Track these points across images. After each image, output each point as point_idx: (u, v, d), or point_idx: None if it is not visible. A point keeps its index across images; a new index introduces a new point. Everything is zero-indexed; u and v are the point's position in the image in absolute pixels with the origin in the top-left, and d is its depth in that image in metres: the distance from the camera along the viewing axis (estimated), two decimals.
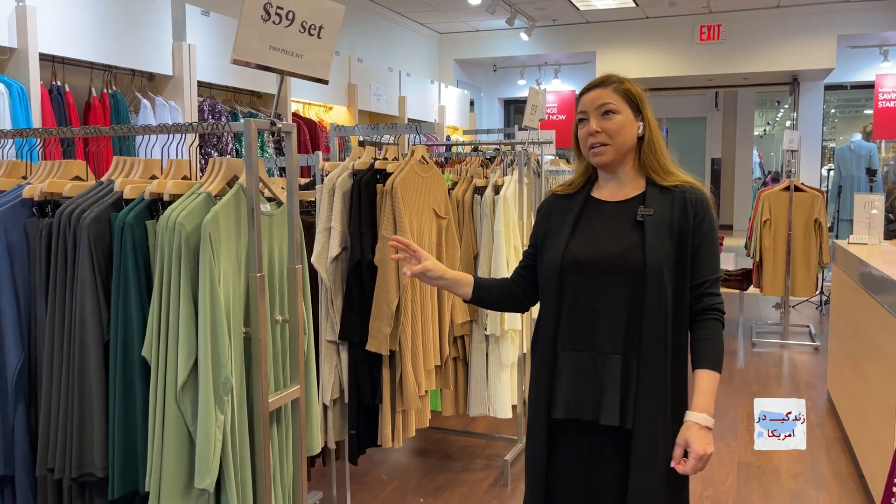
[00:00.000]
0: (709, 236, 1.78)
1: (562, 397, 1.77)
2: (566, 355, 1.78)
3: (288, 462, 1.98)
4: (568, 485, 1.81)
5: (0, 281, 1.82)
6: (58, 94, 3.68)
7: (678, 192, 1.78)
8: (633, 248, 1.74)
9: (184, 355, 1.65)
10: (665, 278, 1.72)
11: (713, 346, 1.74)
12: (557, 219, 1.88)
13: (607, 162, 1.80)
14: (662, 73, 8.36)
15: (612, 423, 1.71)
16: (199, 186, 1.78)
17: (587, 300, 1.77)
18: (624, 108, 1.78)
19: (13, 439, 1.85)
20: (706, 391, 1.71)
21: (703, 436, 1.68)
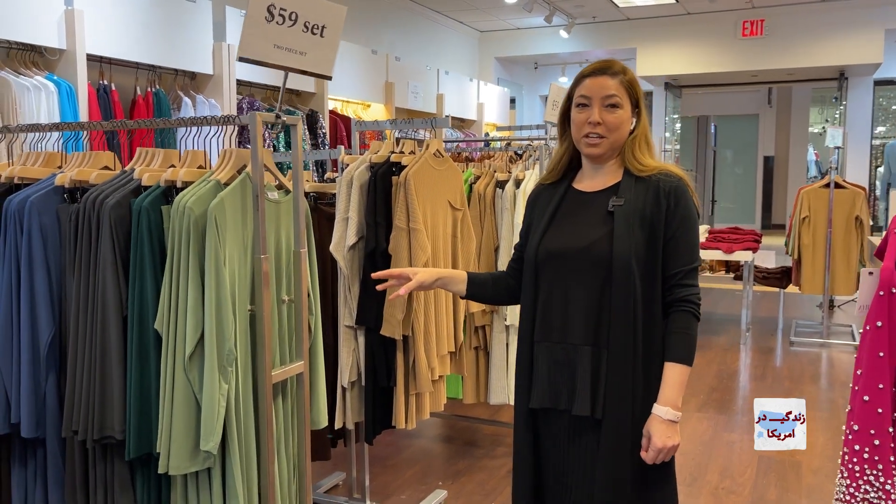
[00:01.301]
0: (683, 225, 1.76)
1: (538, 387, 1.83)
2: (542, 347, 1.83)
3: (293, 434, 2.12)
4: (549, 471, 1.86)
5: (34, 261, 2.00)
6: (104, 93, 3.92)
7: (653, 181, 1.78)
8: (601, 239, 1.76)
9: (191, 328, 1.80)
10: (633, 269, 1.72)
11: (682, 339, 1.74)
12: (539, 210, 1.92)
13: (599, 154, 1.82)
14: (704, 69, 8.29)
15: (583, 412, 1.76)
16: (210, 175, 1.93)
17: (560, 292, 1.80)
18: (626, 103, 1.79)
19: (45, 405, 2.03)
20: (672, 384, 1.73)
21: (664, 429, 1.71)
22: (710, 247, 6.45)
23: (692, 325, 1.77)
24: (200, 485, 1.89)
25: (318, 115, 5.39)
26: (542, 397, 1.83)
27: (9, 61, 3.56)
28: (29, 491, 2.13)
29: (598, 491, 1.76)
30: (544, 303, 1.84)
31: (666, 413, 1.73)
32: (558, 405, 1.82)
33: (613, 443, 1.75)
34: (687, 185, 1.82)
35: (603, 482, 1.76)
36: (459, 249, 3.18)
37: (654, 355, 1.78)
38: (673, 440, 1.73)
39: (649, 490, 1.80)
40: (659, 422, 1.73)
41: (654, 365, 1.78)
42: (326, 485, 3.54)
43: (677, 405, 1.74)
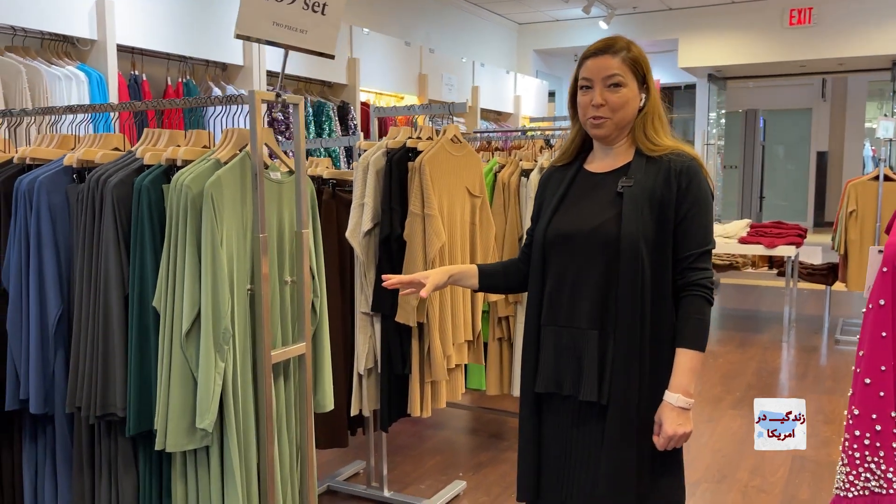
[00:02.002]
0: (695, 207, 1.70)
1: (543, 372, 1.79)
2: (548, 331, 1.79)
3: (296, 416, 2.11)
4: (554, 456, 1.83)
5: (43, 240, 2.03)
6: (134, 83, 3.98)
7: (664, 161, 1.72)
8: (609, 220, 1.71)
9: (188, 306, 1.80)
10: (641, 252, 1.67)
11: (694, 325, 1.69)
12: (550, 192, 1.88)
13: (605, 135, 1.77)
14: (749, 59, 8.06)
15: (590, 398, 1.72)
16: (211, 154, 1.93)
17: (567, 275, 1.76)
18: (630, 81, 1.73)
19: (53, 382, 2.06)
20: (683, 371, 1.68)
21: (675, 416, 1.67)
22: (752, 241, 6.27)
23: (705, 310, 1.72)
24: (199, 463, 1.90)
25: (350, 106, 5.40)
26: (547, 382, 1.79)
27: (42, 51, 3.64)
28: (39, 467, 2.17)
29: (602, 478, 1.72)
30: (551, 285, 1.80)
31: (677, 400, 1.68)
32: (562, 390, 1.77)
33: (619, 429, 1.71)
34: (700, 165, 1.76)
35: (607, 469, 1.71)
36: (478, 237, 3.13)
37: (663, 340, 1.73)
38: (684, 427, 1.68)
39: (655, 478, 1.75)
40: (670, 409, 1.68)
41: (663, 350, 1.73)
42: (346, 473, 3.54)
43: (689, 392, 1.69)
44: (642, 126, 1.77)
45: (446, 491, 3.30)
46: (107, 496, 2.00)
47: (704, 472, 3.57)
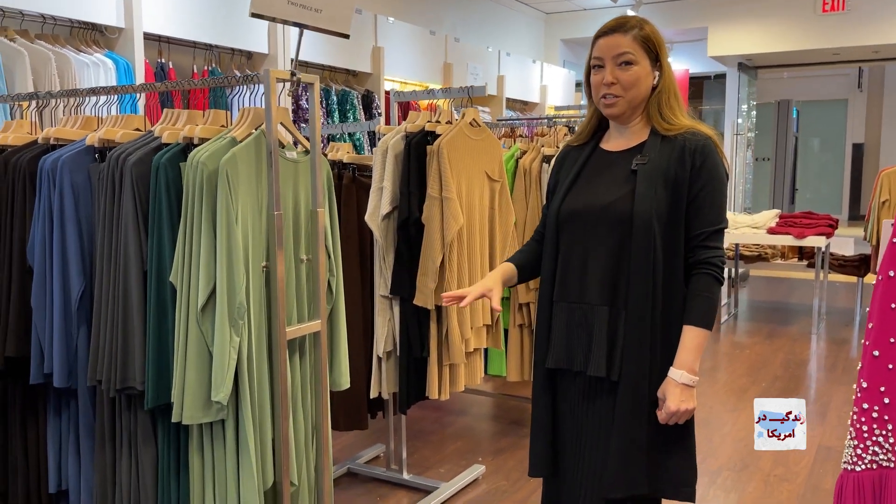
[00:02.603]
0: (708, 185, 1.70)
1: (554, 348, 1.80)
2: (560, 306, 1.80)
3: (311, 394, 2.14)
4: (566, 432, 1.83)
5: (65, 217, 2.08)
6: (161, 71, 4.04)
7: (679, 139, 1.72)
8: (623, 198, 1.71)
9: (203, 281, 1.83)
10: (654, 229, 1.67)
11: (702, 303, 1.70)
12: (565, 171, 1.89)
13: (618, 114, 1.77)
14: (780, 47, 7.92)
15: (598, 374, 1.72)
16: (227, 132, 1.96)
17: (579, 252, 1.77)
18: (642, 59, 1.72)
19: (76, 357, 2.11)
20: (688, 348, 1.69)
21: (678, 392, 1.67)
22: (781, 232, 6.17)
23: (713, 289, 1.72)
24: (215, 437, 1.93)
25: (374, 95, 5.42)
26: (559, 357, 1.80)
27: (71, 39, 3.71)
28: (63, 440, 2.23)
29: (612, 455, 1.72)
30: (563, 262, 1.81)
31: (681, 377, 1.69)
32: (573, 366, 1.78)
33: (630, 406, 1.71)
34: (715, 143, 1.76)
35: (618, 446, 1.72)
36: (497, 221, 3.13)
37: (674, 318, 1.73)
38: (687, 404, 1.69)
39: (665, 457, 1.75)
40: (674, 385, 1.69)
41: (674, 328, 1.73)
42: (366, 456, 3.57)
43: (694, 369, 1.70)
44: (657, 105, 1.77)
45: (465, 475, 3.32)
46: (127, 469, 2.04)
47: (727, 461, 3.54)
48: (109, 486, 2.08)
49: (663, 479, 1.74)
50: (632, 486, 1.71)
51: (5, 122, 2.48)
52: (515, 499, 3.16)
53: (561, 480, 1.85)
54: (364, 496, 3.19)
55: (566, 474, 1.83)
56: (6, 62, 3.31)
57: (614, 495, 1.71)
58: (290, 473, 2.00)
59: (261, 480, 1.92)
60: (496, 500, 3.16)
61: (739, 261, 7.12)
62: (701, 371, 1.76)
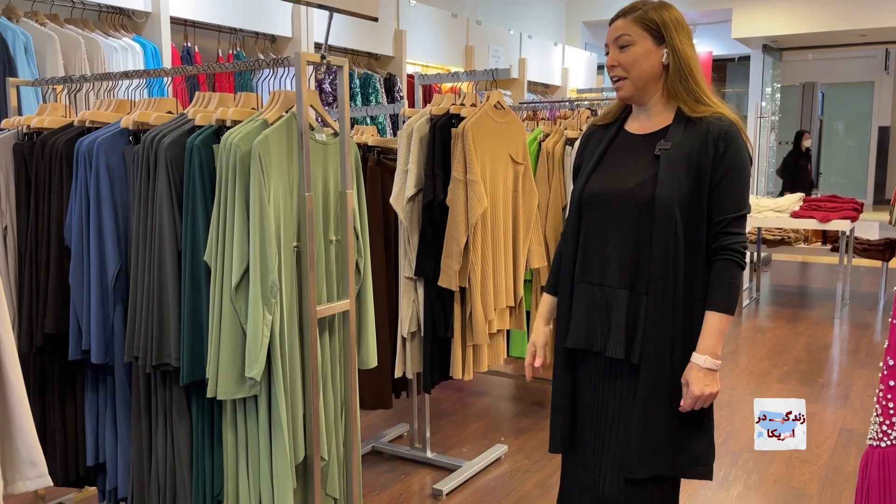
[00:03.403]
0: (731, 171, 1.71)
1: (575, 328, 1.83)
2: (581, 287, 1.82)
3: (341, 371, 2.19)
4: (585, 413, 1.86)
5: (101, 198, 2.13)
6: (187, 55, 4.09)
7: (703, 124, 1.73)
8: (645, 183, 1.73)
9: (237, 260, 1.88)
10: (675, 215, 1.69)
11: (723, 288, 1.71)
12: (589, 151, 1.91)
13: (626, 96, 1.80)
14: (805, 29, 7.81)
15: (617, 356, 1.75)
16: (258, 114, 1.99)
17: (601, 234, 1.79)
18: (641, 39, 1.74)
19: (113, 334, 2.17)
20: (710, 333, 1.71)
21: (700, 377, 1.69)
22: (805, 215, 6.13)
23: (735, 274, 1.73)
24: (248, 412, 1.98)
25: (396, 78, 5.44)
26: (579, 338, 1.82)
27: (99, 24, 3.76)
28: (100, 414, 2.29)
29: (634, 437, 1.74)
30: (585, 244, 1.83)
31: (704, 361, 1.71)
32: (593, 346, 1.80)
33: (651, 389, 1.73)
34: (739, 129, 1.77)
35: (639, 429, 1.74)
36: (521, 204, 3.15)
37: (695, 303, 1.75)
38: (711, 388, 1.71)
39: (686, 438, 1.77)
40: (697, 370, 1.71)
41: (696, 313, 1.75)
42: (390, 435, 3.62)
43: (716, 353, 1.72)
44: (677, 82, 1.76)
45: (487, 454, 3.37)
46: (163, 442, 2.11)
47: (748, 442, 3.55)
48: (146, 459, 2.14)
49: (682, 459, 1.76)
50: (654, 467, 1.73)
51: (40, 105, 2.54)
52: (537, 478, 3.20)
53: (579, 458, 1.88)
54: (388, 473, 3.25)
55: (585, 452, 1.86)
56: (37, 46, 3.37)
57: (637, 476, 1.74)
58: (321, 448, 2.05)
59: (292, 455, 1.98)
60: (518, 479, 3.21)
61: (762, 245, 7.09)
62: (722, 355, 1.78)
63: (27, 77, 3.27)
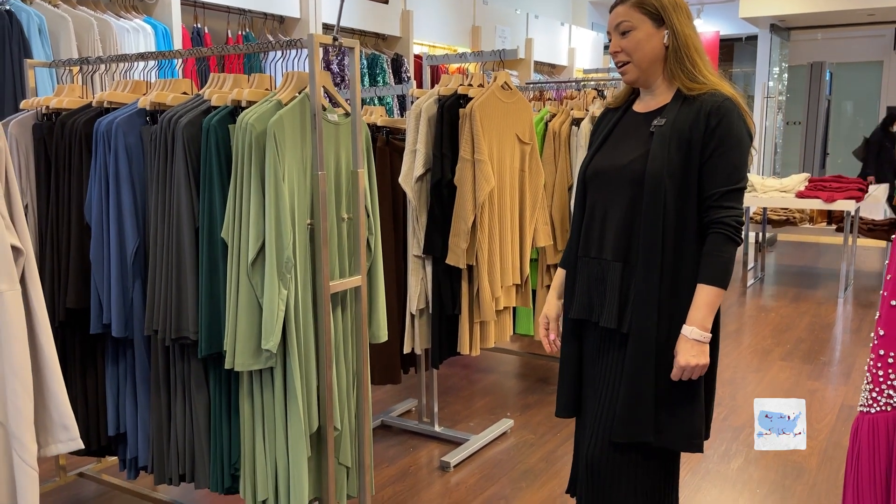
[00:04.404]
0: (723, 145, 1.73)
1: (577, 300, 1.90)
2: (583, 261, 1.89)
3: (353, 345, 2.26)
4: (586, 376, 1.94)
5: (120, 177, 2.20)
6: (197, 36, 4.13)
7: (698, 101, 1.77)
8: (638, 158, 1.78)
9: (253, 237, 1.94)
10: (664, 188, 1.73)
11: (714, 261, 1.74)
12: (599, 132, 1.97)
13: (632, 79, 1.85)
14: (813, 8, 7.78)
15: (610, 325, 1.81)
16: (273, 95, 2.05)
17: (600, 210, 1.85)
18: (642, 23, 1.79)
19: (132, 308, 2.24)
20: (699, 305, 1.74)
21: (689, 347, 1.73)
22: (810, 195, 6.16)
23: (726, 248, 1.74)
24: (264, 383, 2.06)
25: (403, 58, 5.47)
26: (581, 308, 1.90)
27: (111, 5, 3.81)
28: (120, 386, 2.37)
29: (620, 402, 1.80)
30: (587, 219, 1.90)
31: (692, 333, 1.74)
32: (592, 317, 1.87)
33: (637, 357, 1.78)
34: (736, 103, 1.79)
35: (625, 394, 1.79)
36: (527, 183, 3.21)
37: (685, 275, 1.78)
38: (698, 359, 1.74)
39: (673, 409, 1.81)
40: (685, 341, 1.75)
41: (686, 285, 1.78)
42: (399, 409, 3.71)
43: (705, 326, 1.75)
44: (675, 61, 1.81)
45: (494, 428, 3.45)
46: (181, 412, 2.18)
47: (749, 418, 3.62)
48: (165, 429, 2.22)
49: (672, 432, 1.80)
50: (637, 433, 1.78)
51: (58, 87, 2.59)
52: (542, 451, 3.28)
53: (581, 424, 1.96)
54: (397, 447, 3.34)
55: (585, 418, 1.93)
56: (51, 27, 3.42)
57: (620, 440, 1.80)
58: (334, 419, 2.13)
59: (307, 425, 2.05)
60: (524, 452, 3.29)
61: (767, 225, 7.12)
62: (726, 333, 1.83)
63: (41, 57, 3.33)
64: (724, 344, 4.82)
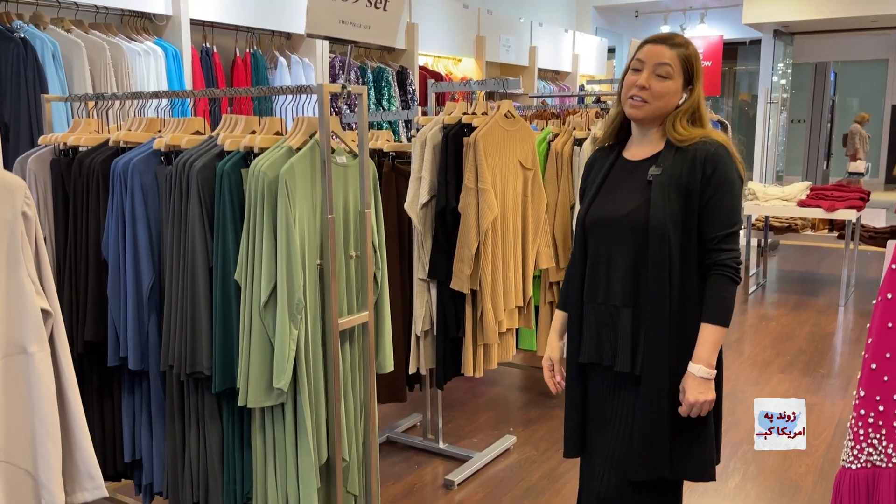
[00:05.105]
0: (719, 191, 1.82)
1: (585, 344, 1.97)
2: (589, 307, 1.97)
3: (360, 377, 2.34)
4: (596, 416, 2.02)
5: (136, 216, 2.28)
6: (206, 55, 4.21)
7: (692, 150, 1.85)
8: (640, 207, 1.85)
9: (265, 280, 2.02)
10: (669, 236, 1.81)
11: (716, 302, 1.83)
12: (592, 177, 2.05)
13: (641, 117, 1.90)
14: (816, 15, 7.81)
15: (624, 370, 1.89)
16: (284, 141, 2.12)
17: (604, 257, 1.93)
18: (678, 76, 1.86)
19: (148, 342, 2.33)
20: (705, 344, 1.83)
21: (696, 385, 1.82)
22: (811, 204, 6.21)
23: (728, 288, 1.85)
24: (275, 418, 2.14)
25: (409, 71, 5.53)
26: (590, 353, 1.97)
27: (122, 28, 3.88)
28: (136, 415, 2.46)
29: (637, 441, 1.89)
30: (591, 266, 1.97)
31: (699, 371, 1.83)
32: (603, 361, 1.95)
33: (651, 397, 1.87)
34: (728, 150, 1.88)
35: (641, 432, 1.88)
36: (529, 208, 3.28)
37: (690, 315, 1.87)
38: (706, 395, 1.83)
39: (686, 443, 1.91)
40: (692, 378, 1.84)
41: (691, 324, 1.87)
42: (404, 425, 3.79)
43: (711, 363, 1.84)
44: (674, 119, 1.90)
45: (497, 445, 3.53)
46: (195, 443, 2.27)
47: (747, 434, 3.70)
48: (179, 458, 2.31)
49: (686, 464, 1.90)
50: (655, 469, 1.88)
51: (74, 121, 2.67)
52: (544, 469, 3.37)
53: (588, 461, 2.04)
54: (402, 464, 3.43)
55: (593, 455, 2.01)
56: (65, 52, 3.50)
57: (639, 478, 1.89)
58: (343, 450, 2.21)
59: (316, 457, 2.14)
60: (526, 469, 3.37)
61: (769, 231, 7.18)
62: (727, 343, 1.90)
63: (55, 83, 3.41)
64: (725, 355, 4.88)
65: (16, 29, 3.34)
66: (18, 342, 1.39)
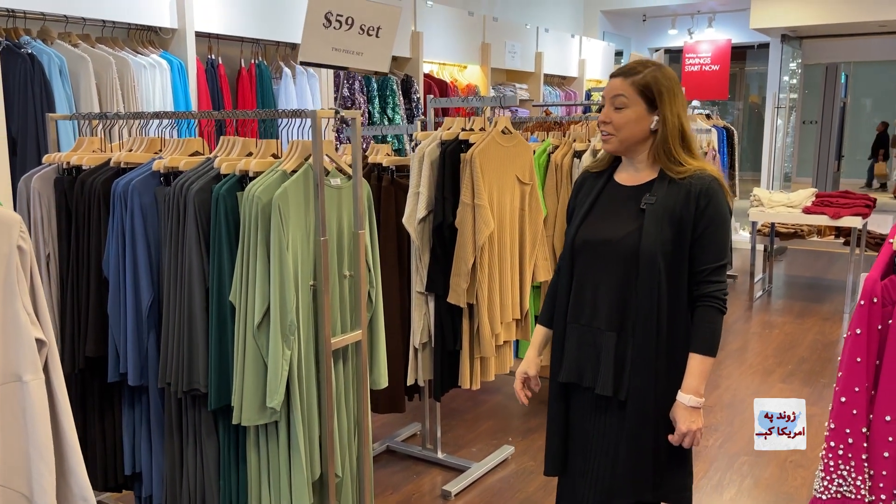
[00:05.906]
0: (712, 224, 1.86)
1: (566, 364, 2.01)
2: (573, 328, 2.00)
3: (354, 394, 2.38)
4: (578, 436, 2.05)
5: (136, 236, 2.33)
6: (211, 67, 4.26)
7: (685, 183, 1.88)
8: (631, 234, 1.88)
9: (259, 301, 2.07)
10: (659, 265, 1.84)
11: (704, 332, 1.87)
12: (581, 198, 2.07)
13: (611, 150, 1.96)
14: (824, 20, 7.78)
15: (605, 393, 1.92)
16: (278, 165, 2.17)
17: (591, 280, 1.95)
18: (636, 104, 1.88)
19: (147, 358, 2.38)
20: (693, 374, 1.87)
21: (687, 414, 1.86)
22: (816, 211, 6.21)
23: (716, 319, 1.89)
24: (269, 435, 2.19)
25: (413, 79, 5.57)
26: (570, 373, 2.00)
27: (128, 41, 3.95)
28: (136, 429, 2.52)
29: (622, 465, 1.92)
30: (577, 287, 2.00)
31: (689, 400, 1.87)
32: (583, 382, 1.98)
33: (637, 423, 1.91)
34: (720, 185, 1.91)
35: (626, 457, 1.92)
36: (527, 222, 3.31)
37: (678, 343, 1.91)
38: (696, 424, 1.87)
39: (669, 467, 1.96)
40: (683, 408, 1.88)
41: (678, 353, 1.91)
42: (403, 434, 3.84)
43: (699, 392, 1.88)
44: (662, 151, 1.92)
45: (495, 455, 3.57)
46: (193, 457, 2.32)
47: (745, 446, 3.72)
48: (178, 472, 2.36)
49: (666, 487, 1.94)
50: (639, 492, 1.92)
51: (78, 139, 2.73)
52: (541, 479, 3.40)
53: (571, 481, 2.07)
54: (401, 473, 3.47)
55: (575, 476, 2.04)
56: (71, 67, 3.56)
57: (623, 500, 1.93)
58: (335, 467, 2.26)
59: (309, 473, 2.18)
60: (523, 480, 3.41)
61: (775, 237, 7.17)
62: (729, 351, 1.93)
63: (62, 98, 3.47)
64: (726, 363, 4.91)
65: (23, 45, 3.40)
66: (14, 371, 1.44)
